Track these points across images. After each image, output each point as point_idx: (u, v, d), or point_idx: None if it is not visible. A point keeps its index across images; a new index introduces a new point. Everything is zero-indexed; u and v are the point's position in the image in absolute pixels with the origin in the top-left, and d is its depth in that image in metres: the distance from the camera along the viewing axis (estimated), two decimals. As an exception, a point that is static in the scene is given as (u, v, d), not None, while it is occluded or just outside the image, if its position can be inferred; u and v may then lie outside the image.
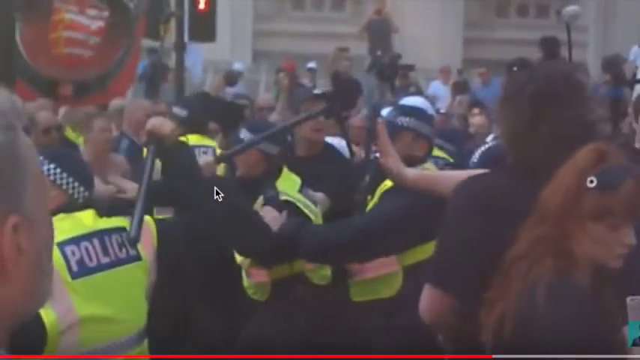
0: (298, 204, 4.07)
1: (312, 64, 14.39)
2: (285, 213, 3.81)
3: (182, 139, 3.29)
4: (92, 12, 6.94)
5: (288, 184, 4.22)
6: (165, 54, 13.47)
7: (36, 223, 1.07)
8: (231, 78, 13.35)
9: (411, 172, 3.15)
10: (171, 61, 11.87)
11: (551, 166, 2.27)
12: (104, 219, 2.98)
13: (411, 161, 3.55)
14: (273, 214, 3.78)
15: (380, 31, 15.56)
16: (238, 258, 4.16)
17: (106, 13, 7.00)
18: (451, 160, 5.13)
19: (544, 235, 2.20)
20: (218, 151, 5.33)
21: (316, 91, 5.16)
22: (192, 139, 5.22)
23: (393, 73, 10.98)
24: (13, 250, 1.03)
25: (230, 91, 11.59)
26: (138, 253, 2.97)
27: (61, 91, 6.80)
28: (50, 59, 6.87)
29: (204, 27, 10.83)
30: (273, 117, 8.25)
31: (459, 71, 14.55)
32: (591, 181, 2.10)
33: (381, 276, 3.79)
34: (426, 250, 3.25)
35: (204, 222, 3.32)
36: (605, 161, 2.14)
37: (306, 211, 4.07)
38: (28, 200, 1.05)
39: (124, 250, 2.92)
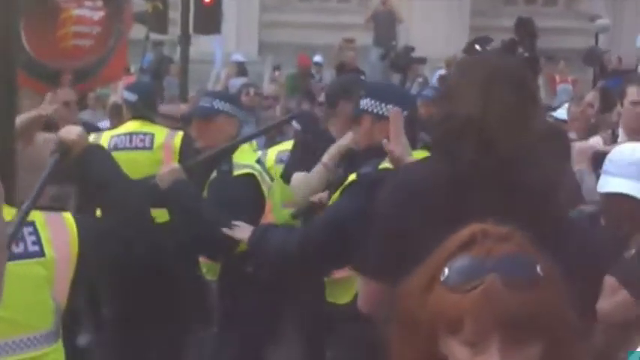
0: (255, 172, 4.22)
1: (318, 58, 14.35)
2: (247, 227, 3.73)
3: (91, 143, 3.23)
4: (88, 3, 7.09)
5: (246, 155, 4.34)
6: (172, 47, 13.49)
7: None
8: (241, 69, 13.36)
9: None
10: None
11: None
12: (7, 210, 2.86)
13: (375, 150, 3.29)
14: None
15: (385, 22, 15.51)
16: None
17: (100, 3, 7.16)
18: None
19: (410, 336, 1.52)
20: (161, 136, 5.28)
21: None
22: (133, 126, 5.31)
23: (407, 65, 10.99)
24: None
25: (237, 82, 11.61)
26: (41, 249, 2.79)
27: (63, 80, 6.94)
28: (56, 52, 7.02)
29: (209, 19, 10.81)
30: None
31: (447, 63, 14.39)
32: (443, 273, 1.46)
33: (336, 279, 3.59)
34: None
35: (131, 222, 3.20)
36: (473, 246, 1.47)
37: (260, 179, 4.22)
38: None
39: (21, 245, 2.75)
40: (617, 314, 2.64)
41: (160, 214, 4.37)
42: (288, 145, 6.09)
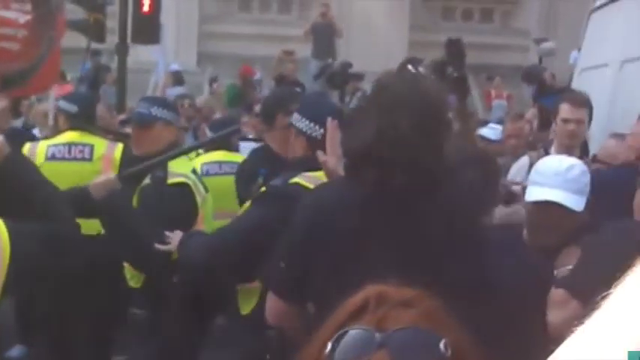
0: (189, 182, 4.16)
1: (257, 76, 14.32)
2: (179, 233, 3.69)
3: (12, 151, 3.14)
4: (16, 5, 7.02)
5: (182, 164, 4.28)
6: (110, 56, 13.35)
7: None
8: (178, 79, 13.28)
9: None
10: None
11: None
12: None
13: (296, 163, 3.32)
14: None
15: (324, 35, 15.57)
16: None
17: (28, 7, 7.09)
18: None
19: None
20: (101, 147, 5.25)
21: None
22: (71, 137, 5.26)
23: (344, 81, 10.97)
24: None
25: (172, 92, 11.54)
26: None
27: None
28: None
29: (147, 29, 10.73)
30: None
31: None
32: (327, 347, 1.17)
33: (239, 290, 3.57)
34: None
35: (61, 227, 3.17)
36: (365, 314, 1.18)
37: (194, 190, 4.16)
38: None
39: None
40: (571, 326, 2.65)
41: (90, 225, 4.32)
42: (212, 156, 6.05)
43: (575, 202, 3.07)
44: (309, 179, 3.14)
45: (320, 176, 3.16)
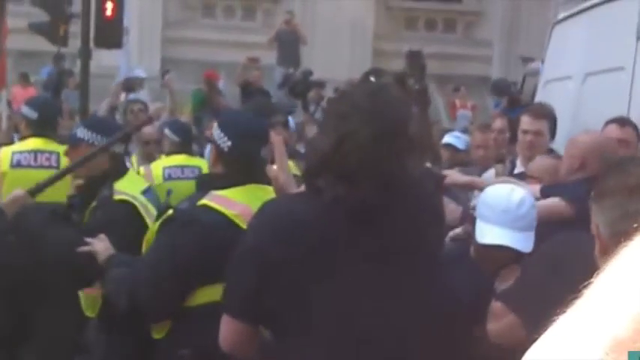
0: (135, 202, 3.96)
1: (220, 83, 14.28)
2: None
3: None
4: None
5: (131, 185, 4.11)
6: (73, 61, 13.24)
7: None
8: (129, 85, 13.17)
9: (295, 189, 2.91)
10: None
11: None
12: None
13: (211, 179, 3.26)
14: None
15: (289, 42, 15.58)
16: None
17: None
18: None
19: None
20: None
21: None
22: (36, 144, 5.19)
23: (305, 90, 10.98)
24: None
25: (132, 97, 11.48)
26: None
27: None
28: None
29: (110, 33, 10.65)
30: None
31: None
32: None
33: None
34: (211, 293, 2.97)
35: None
36: None
37: (142, 211, 3.95)
38: None
39: None
40: (507, 336, 2.69)
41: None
42: (174, 159, 5.97)
43: (525, 242, 3.04)
44: (217, 200, 3.06)
45: (230, 195, 3.07)
